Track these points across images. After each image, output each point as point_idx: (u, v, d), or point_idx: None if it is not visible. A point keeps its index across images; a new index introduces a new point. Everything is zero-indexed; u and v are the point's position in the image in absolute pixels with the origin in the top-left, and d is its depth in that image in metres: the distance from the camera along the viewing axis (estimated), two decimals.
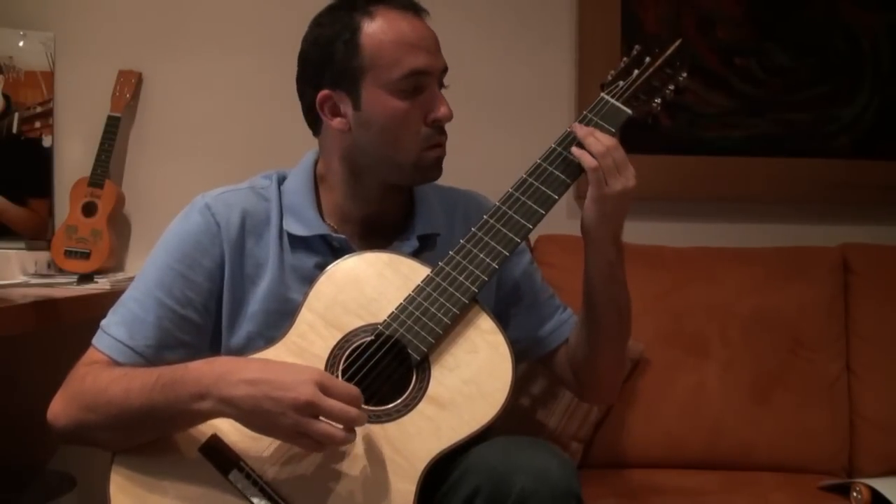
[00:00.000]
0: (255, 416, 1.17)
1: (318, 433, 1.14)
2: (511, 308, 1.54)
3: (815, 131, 2.33)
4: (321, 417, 1.15)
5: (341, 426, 1.15)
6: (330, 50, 1.36)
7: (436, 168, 1.39)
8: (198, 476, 1.22)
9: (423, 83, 1.35)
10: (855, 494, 1.72)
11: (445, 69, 1.40)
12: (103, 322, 1.36)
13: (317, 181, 1.46)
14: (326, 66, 1.37)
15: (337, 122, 1.38)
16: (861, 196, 2.33)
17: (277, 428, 1.17)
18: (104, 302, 1.41)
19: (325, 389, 1.15)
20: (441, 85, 1.39)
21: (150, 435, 1.25)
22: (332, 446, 1.18)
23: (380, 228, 1.44)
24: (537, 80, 2.31)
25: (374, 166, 1.39)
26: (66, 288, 1.96)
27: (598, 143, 1.33)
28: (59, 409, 1.29)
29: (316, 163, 1.47)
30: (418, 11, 1.39)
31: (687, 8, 2.30)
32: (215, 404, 1.18)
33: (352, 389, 1.18)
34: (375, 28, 1.34)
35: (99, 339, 1.35)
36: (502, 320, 1.50)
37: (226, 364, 1.22)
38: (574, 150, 1.35)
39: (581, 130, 1.36)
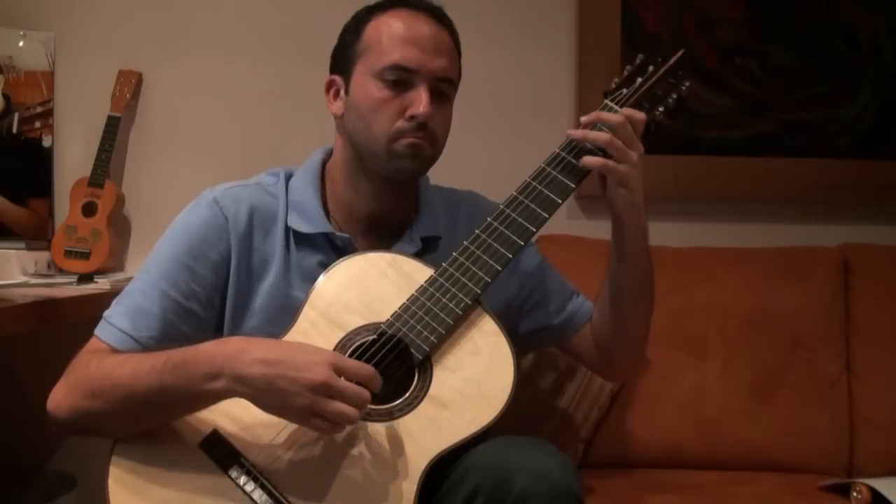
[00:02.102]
0: (269, 395, 1.17)
1: (332, 413, 1.15)
2: (530, 300, 1.56)
3: (815, 131, 2.33)
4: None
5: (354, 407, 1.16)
6: (342, 38, 1.44)
7: (409, 158, 1.38)
8: (198, 471, 1.22)
9: (408, 79, 1.37)
10: (855, 494, 1.72)
11: (445, 78, 1.40)
12: (106, 312, 1.37)
13: (324, 180, 1.47)
14: (338, 52, 1.45)
15: (335, 106, 1.44)
16: (861, 196, 2.33)
17: (291, 408, 1.17)
18: (104, 302, 1.41)
19: (338, 370, 1.16)
20: (439, 91, 1.39)
21: (158, 419, 1.26)
22: (344, 427, 1.19)
23: (383, 228, 1.45)
24: (537, 80, 2.31)
25: (361, 153, 1.40)
26: (66, 288, 1.96)
27: (601, 136, 1.35)
28: (61, 398, 1.28)
29: (324, 162, 1.49)
30: (433, 14, 1.41)
31: (687, 8, 2.30)
32: (229, 383, 1.18)
33: (366, 367, 1.19)
34: (380, 21, 1.40)
35: (102, 329, 1.35)
36: (524, 313, 1.54)
37: (239, 343, 1.22)
38: (584, 160, 1.35)
39: (577, 133, 1.37)
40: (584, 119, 1.39)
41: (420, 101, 1.35)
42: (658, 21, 2.30)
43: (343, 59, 1.43)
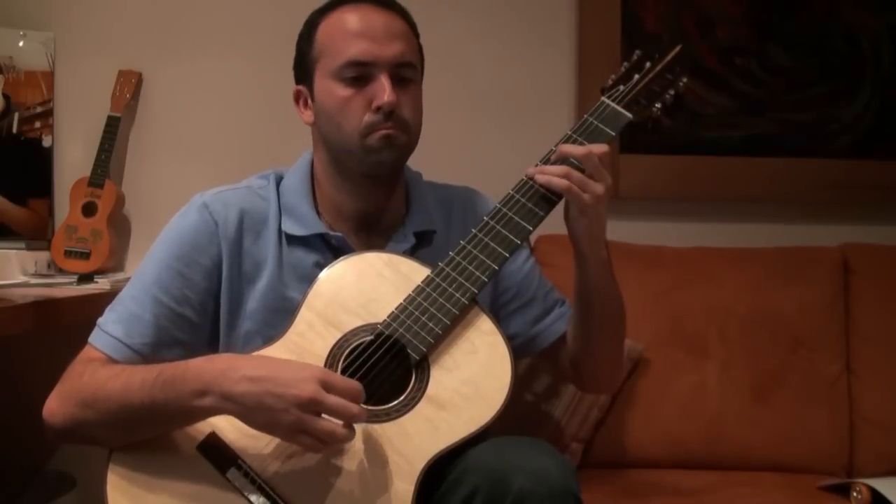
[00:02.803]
0: (256, 413, 1.17)
1: (320, 431, 1.15)
2: (511, 304, 1.54)
3: (815, 131, 2.33)
4: (323, 415, 1.15)
5: (343, 423, 1.16)
6: (298, 47, 1.45)
7: (384, 149, 1.36)
8: (195, 474, 1.22)
9: (366, 72, 1.36)
10: (855, 494, 1.72)
11: (404, 62, 1.38)
12: (100, 320, 1.37)
13: (314, 180, 1.47)
14: (297, 62, 1.45)
15: (306, 115, 1.45)
16: (861, 196, 2.33)
17: (279, 425, 1.17)
18: (104, 302, 1.41)
19: (326, 386, 1.15)
20: (400, 77, 1.37)
21: (149, 432, 1.26)
22: (333, 444, 1.18)
23: (375, 225, 1.45)
24: (537, 79, 2.31)
25: (338, 155, 1.41)
26: (66, 288, 1.96)
27: (557, 169, 1.33)
28: (56, 406, 1.29)
29: (313, 163, 1.49)
30: (378, 1, 1.40)
31: (687, 8, 2.30)
32: (216, 401, 1.18)
33: (353, 384, 1.18)
34: (328, 21, 1.40)
35: (96, 337, 1.35)
36: (503, 317, 1.52)
37: (227, 361, 1.22)
38: (540, 178, 1.33)
39: (532, 171, 1.35)
40: (552, 159, 1.36)
41: (383, 91, 1.34)
42: (658, 21, 2.29)
43: (303, 68, 1.43)
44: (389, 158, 1.38)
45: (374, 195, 1.44)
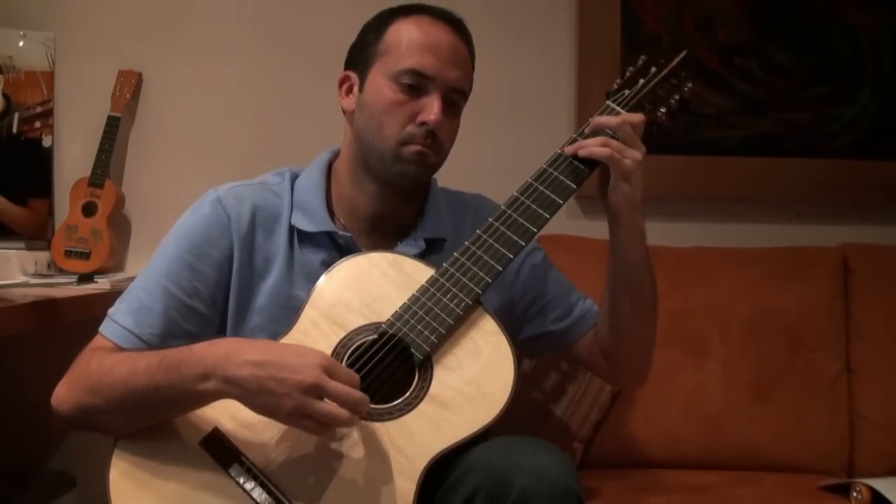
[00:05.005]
0: (259, 396, 1.17)
1: (323, 414, 1.15)
2: (534, 306, 1.55)
3: (815, 131, 2.33)
4: (325, 399, 1.16)
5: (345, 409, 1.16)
6: (362, 36, 1.46)
7: (413, 164, 1.39)
8: (198, 469, 1.23)
9: (423, 85, 1.38)
10: (855, 494, 1.72)
11: (459, 89, 1.41)
12: (110, 310, 1.38)
13: (330, 179, 1.47)
14: (356, 49, 1.46)
15: (346, 102, 1.46)
16: (861, 196, 2.33)
17: (281, 409, 1.17)
18: (104, 302, 1.42)
19: (329, 372, 1.16)
20: (451, 101, 1.40)
21: (155, 417, 1.26)
22: (334, 428, 1.19)
23: (387, 228, 1.46)
24: (537, 80, 2.31)
25: (367, 154, 1.41)
26: (66, 288, 1.95)
27: (599, 138, 1.36)
28: (63, 393, 1.29)
29: (330, 162, 1.50)
30: (454, 25, 1.43)
31: (687, 8, 2.30)
32: (219, 384, 1.19)
33: (352, 374, 1.19)
34: (401, 25, 1.42)
35: (105, 327, 1.36)
36: (528, 318, 1.54)
37: (230, 345, 1.23)
38: (582, 152, 1.36)
39: (569, 149, 1.38)
40: (587, 131, 1.39)
41: (432, 108, 1.37)
42: (658, 21, 2.30)
43: (361, 57, 1.44)
44: (415, 173, 1.40)
45: (390, 199, 1.45)
